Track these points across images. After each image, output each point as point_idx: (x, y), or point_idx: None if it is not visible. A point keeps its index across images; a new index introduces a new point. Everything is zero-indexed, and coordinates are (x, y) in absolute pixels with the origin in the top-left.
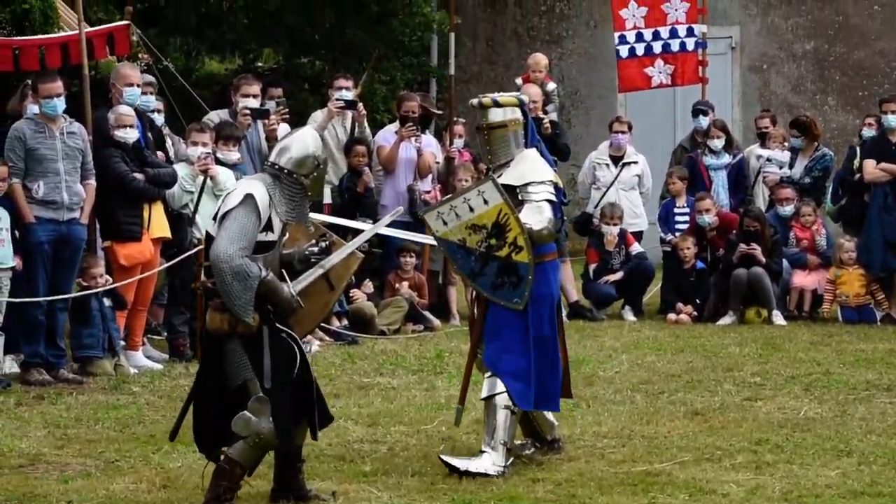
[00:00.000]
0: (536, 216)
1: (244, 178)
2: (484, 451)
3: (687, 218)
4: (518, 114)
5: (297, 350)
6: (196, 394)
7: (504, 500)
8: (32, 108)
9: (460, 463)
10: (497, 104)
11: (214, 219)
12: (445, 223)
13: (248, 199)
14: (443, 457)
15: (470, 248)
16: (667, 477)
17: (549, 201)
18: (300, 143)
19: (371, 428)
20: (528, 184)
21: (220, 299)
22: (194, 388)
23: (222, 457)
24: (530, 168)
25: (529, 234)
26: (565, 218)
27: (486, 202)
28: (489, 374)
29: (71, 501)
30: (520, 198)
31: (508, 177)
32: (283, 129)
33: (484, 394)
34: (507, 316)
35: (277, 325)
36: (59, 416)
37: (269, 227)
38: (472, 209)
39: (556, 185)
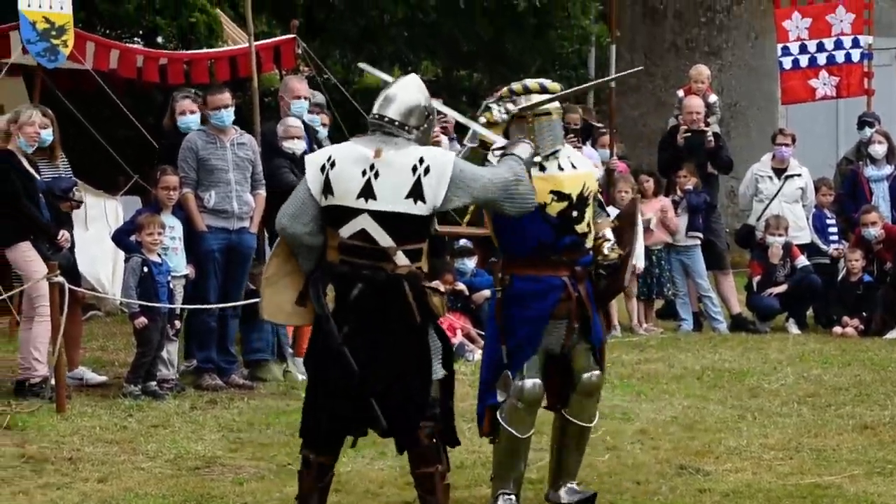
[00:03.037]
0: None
1: (394, 148)
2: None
3: (836, 229)
4: (559, 105)
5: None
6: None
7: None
8: (184, 121)
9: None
10: (544, 89)
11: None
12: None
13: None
14: None
15: None
16: (836, 490)
17: None
18: (405, 89)
19: (535, 436)
20: None
21: (431, 282)
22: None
23: (439, 467)
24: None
25: None
26: (727, 229)
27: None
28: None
29: (246, 503)
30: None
31: (586, 166)
32: (444, 141)
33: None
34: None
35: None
36: (232, 420)
37: None
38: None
39: None
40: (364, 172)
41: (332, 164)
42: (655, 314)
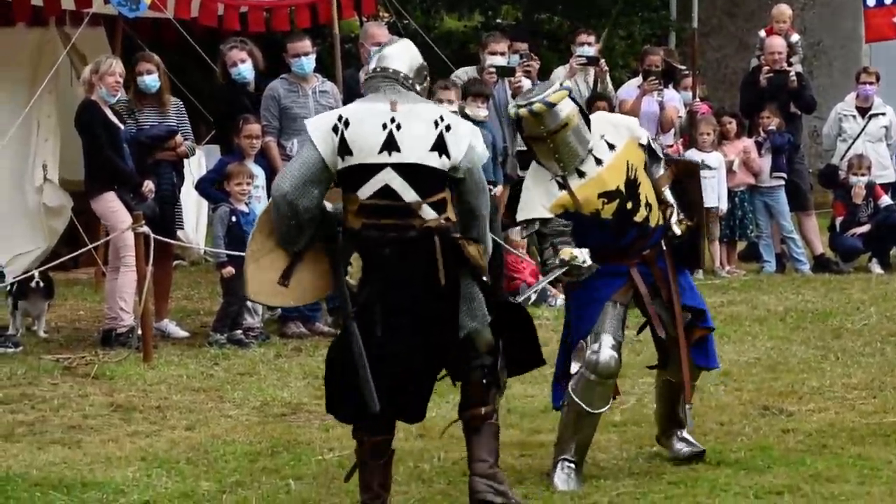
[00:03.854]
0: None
1: (408, 102)
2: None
3: None
4: (572, 104)
5: None
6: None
7: (755, 449)
8: (237, 72)
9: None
10: (550, 105)
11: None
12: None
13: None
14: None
15: None
16: None
17: None
18: (405, 49)
19: (620, 379)
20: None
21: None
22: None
23: (484, 410)
24: (626, 121)
25: None
26: (811, 170)
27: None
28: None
29: (333, 448)
30: (652, 145)
31: (621, 135)
32: (526, 83)
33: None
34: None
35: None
36: (317, 367)
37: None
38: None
39: None
40: (385, 126)
41: (346, 124)
42: (738, 256)
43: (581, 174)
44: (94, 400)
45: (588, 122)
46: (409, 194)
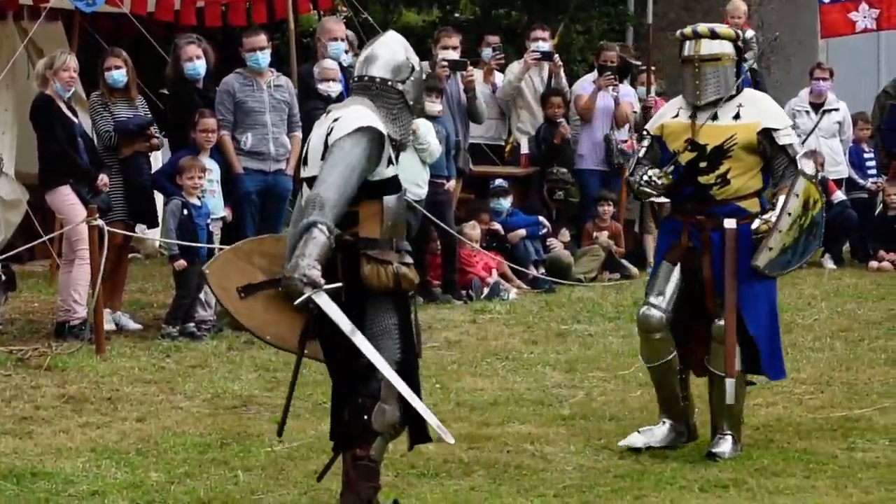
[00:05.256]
0: (810, 164)
1: (333, 107)
2: (727, 437)
3: (874, 163)
4: (732, 49)
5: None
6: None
7: (704, 444)
8: (191, 68)
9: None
10: (714, 35)
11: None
12: (771, 248)
13: (363, 131)
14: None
15: (790, 245)
16: (867, 422)
17: None
18: (386, 46)
19: (569, 374)
20: (789, 126)
21: (377, 249)
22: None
23: (358, 454)
24: (776, 109)
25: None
26: None
27: (797, 195)
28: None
29: (282, 441)
30: (779, 141)
31: (755, 115)
32: (497, 77)
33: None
34: (762, 285)
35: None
36: (269, 360)
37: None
38: (790, 213)
39: None
40: (309, 139)
41: None
42: None
43: (693, 115)
44: (45, 391)
45: (739, 75)
46: None
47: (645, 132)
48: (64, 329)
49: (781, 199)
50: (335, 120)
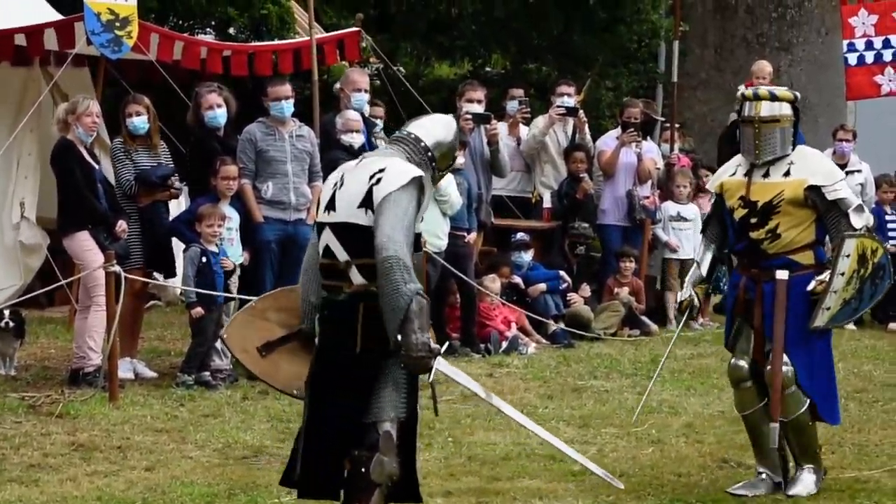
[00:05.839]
0: (862, 217)
1: (368, 155)
2: (804, 470)
3: None
4: (790, 110)
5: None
6: (313, 426)
7: (709, 502)
8: (211, 116)
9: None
10: (774, 97)
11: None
12: (829, 308)
13: (414, 182)
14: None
15: (852, 297)
16: (875, 484)
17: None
18: (441, 125)
19: (582, 429)
20: (838, 181)
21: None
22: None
23: None
24: (826, 166)
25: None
26: None
27: (848, 255)
28: (793, 388)
29: (290, 492)
30: (828, 196)
31: (804, 172)
32: (522, 130)
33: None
34: (815, 336)
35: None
36: (283, 410)
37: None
38: (842, 274)
39: None
40: (335, 184)
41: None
42: (713, 309)
43: (748, 172)
44: (55, 439)
45: (796, 135)
46: (342, 254)
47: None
48: (78, 376)
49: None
50: (381, 170)
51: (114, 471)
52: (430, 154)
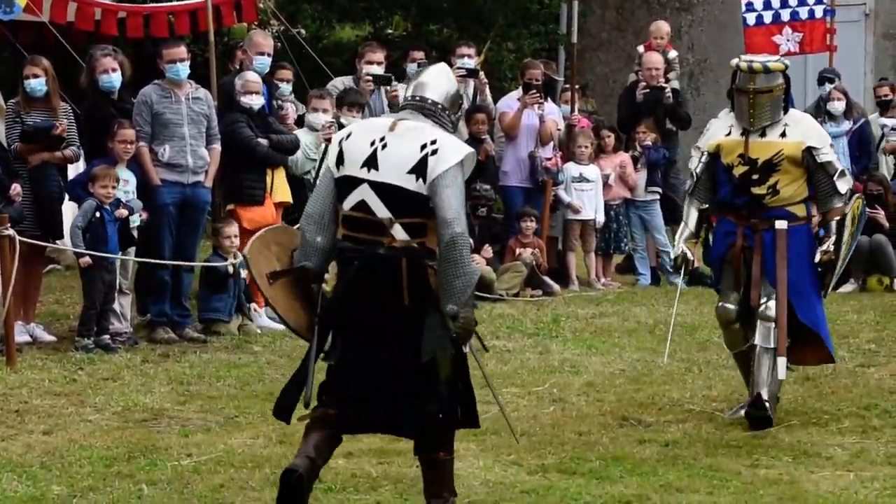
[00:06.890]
0: (845, 181)
1: (409, 122)
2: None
3: None
4: (782, 79)
5: None
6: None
7: (609, 459)
8: (106, 80)
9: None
10: (767, 70)
11: (415, 172)
12: (839, 272)
13: (467, 157)
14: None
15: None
16: (772, 440)
17: None
18: (439, 76)
19: (484, 389)
20: (826, 145)
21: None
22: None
23: (442, 457)
24: (818, 130)
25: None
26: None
27: (848, 226)
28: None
29: (191, 454)
30: (818, 159)
31: (800, 135)
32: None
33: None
34: (810, 283)
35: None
36: (183, 373)
37: None
38: (845, 242)
39: None
40: (373, 143)
41: (349, 136)
42: (614, 269)
43: (744, 133)
44: None
45: (787, 100)
46: (382, 211)
47: (698, 150)
48: None
49: (832, 225)
50: (433, 142)
51: (11, 435)
52: (448, 113)
